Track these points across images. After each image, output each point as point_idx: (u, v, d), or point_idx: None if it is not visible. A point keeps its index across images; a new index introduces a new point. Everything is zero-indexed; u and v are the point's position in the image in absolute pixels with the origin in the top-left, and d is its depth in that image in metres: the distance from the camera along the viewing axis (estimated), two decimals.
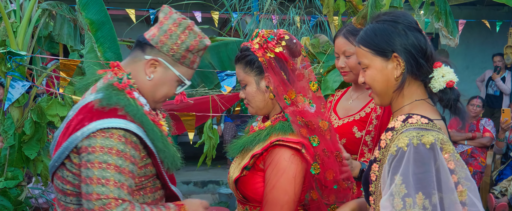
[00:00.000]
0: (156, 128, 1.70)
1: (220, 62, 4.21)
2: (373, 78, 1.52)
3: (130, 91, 1.69)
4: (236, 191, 1.87)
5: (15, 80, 3.13)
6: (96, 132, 1.60)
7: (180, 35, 1.72)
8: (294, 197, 1.76)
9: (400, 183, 1.34)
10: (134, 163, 1.64)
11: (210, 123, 3.42)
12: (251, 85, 1.84)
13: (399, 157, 1.37)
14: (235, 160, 1.92)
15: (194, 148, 8.38)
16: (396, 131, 1.44)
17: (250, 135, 1.87)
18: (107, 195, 1.55)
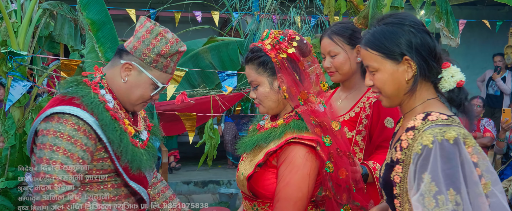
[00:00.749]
0: (113, 123, 1.81)
1: (221, 62, 4.22)
2: (383, 82, 1.50)
3: (96, 88, 1.84)
4: (246, 188, 1.87)
5: (16, 80, 3.13)
6: (51, 116, 1.74)
7: (152, 41, 1.83)
8: (307, 194, 1.78)
9: (430, 181, 1.33)
10: (86, 150, 1.74)
11: (211, 123, 3.42)
12: (264, 86, 1.85)
13: (425, 155, 1.35)
14: (246, 157, 1.92)
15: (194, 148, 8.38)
16: (417, 129, 1.42)
17: (263, 132, 1.87)
18: (51, 175, 1.67)
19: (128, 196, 1.92)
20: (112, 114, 1.82)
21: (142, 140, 1.95)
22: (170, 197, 2.20)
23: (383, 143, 2.28)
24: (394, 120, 2.29)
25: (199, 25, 6.17)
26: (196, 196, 6.53)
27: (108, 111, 1.82)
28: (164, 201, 2.17)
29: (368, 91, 2.36)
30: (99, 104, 1.80)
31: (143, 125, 2.03)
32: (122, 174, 1.83)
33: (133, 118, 1.99)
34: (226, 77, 3.34)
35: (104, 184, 1.85)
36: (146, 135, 2.00)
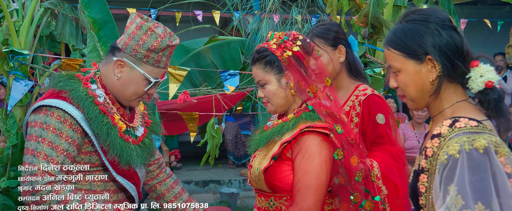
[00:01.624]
0: (101, 117, 1.84)
1: (223, 61, 4.21)
2: (406, 84, 1.42)
3: (87, 82, 1.88)
4: (263, 182, 1.89)
5: (17, 80, 3.13)
6: (39, 108, 1.79)
7: (142, 36, 1.85)
8: (326, 181, 1.81)
9: (456, 194, 1.24)
10: (72, 143, 1.79)
11: (213, 122, 3.42)
12: (272, 84, 1.90)
13: (451, 165, 1.26)
14: (259, 154, 1.95)
15: (195, 147, 8.37)
16: (443, 137, 1.33)
17: (275, 126, 1.92)
18: (34, 165, 1.72)
19: (117, 191, 1.93)
20: (101, 108, 1.85)
21: (136, 136, 1.96)
22: (179, 192, 2.21)
23: (377, 139, 2.29)
24: (385, 116, 2.30)
25: (200, 24, 6.16)
26: (197, 195, 6.52)
27: (97, 105, 1.85)
28: (173, 197, 2.18)
29: (356, 90, 2.38)
30: (86, 98, 1.83)
31: (140, 121, 2.03)
32: (108, 168, 1.85)
33: (130, 114, 2.00)
34: (228, 77, 3.34)
35: (92, 177, 1.88)
36: (142, 131, 2.01)
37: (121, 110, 1.95)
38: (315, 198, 1.78)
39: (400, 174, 2.32)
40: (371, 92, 2.37)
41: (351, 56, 2.46)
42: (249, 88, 3.56)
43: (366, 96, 2.35)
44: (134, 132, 1.96)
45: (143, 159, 1.98)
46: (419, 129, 5.66)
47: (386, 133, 2.32)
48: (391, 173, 2.28)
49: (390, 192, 2.27)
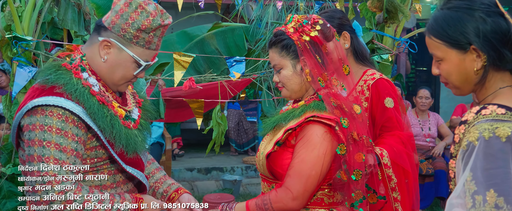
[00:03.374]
0: (102, 109, 1.71)
1: (227, 48, 4.18)
2: (449, 73, 1.39)
3: (78, 71, 1.71)
4: (265, 167, 1.89)
5: (21, 66, 3.10)
6: (33, 109, 1.63)
7: (131, 15, 1.69)
8: (320, 174, 1.79)
9: (470, 179, 1.25)
10: (78, 141, 1.65)
11: (219, 109, 3.39)
12: (287, 69, 1.88)
13: (469, 151, 1.27)
14: (266, 138, 1.96)
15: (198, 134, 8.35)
16: (468, 124, 1.32)
17: (283, 113, 1.91)
18: (46, 173, 1.58)
19: (126, 182, 1.85)
20: (99, 99, 1.72)
21: (134, 120, 1.86)
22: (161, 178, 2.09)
23: (386, 123, 2.30)
24: (394, 100, 2.30)
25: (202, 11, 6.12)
26: (199, 182, 6.53)
27: (94, 95, 1.71)
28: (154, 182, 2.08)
29: (364, 75, 2.38)
30: (83, 91, 1.68)
31: (133, 102, 1.93)
32: (117, 160, 1.75)
33: (121, 97, 1.90)
34: (234, 63, 3.31)
35: (100, 171, 1.78)
36: (137, 112, 1.90)
37: (114, 95, 1.83)
38: (304, 188, 1.77)
39: (410, 160, 2.32)
40: (379, 76, 2.36)
41: (356, 42, 2.45)
42: (254, 75, 3.53)
43: (374, 80, 2.34)
44: (131, 116, 1.86)
45: (146, 143, 1.89)
46: (423, 116, 5.65)
47: (396, 116, 2.31)
48: (401, 159, 2.28)
49: (399, 179, 2.27)
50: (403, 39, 3.31)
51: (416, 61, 8.96)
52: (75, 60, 1.75)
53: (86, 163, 1.72)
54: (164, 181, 2.07)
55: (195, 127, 7.96)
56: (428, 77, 9.56)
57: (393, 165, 2.24)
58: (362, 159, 1.82)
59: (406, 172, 2.29)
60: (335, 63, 1.90)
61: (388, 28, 3.23)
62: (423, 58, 9.30)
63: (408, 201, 2.31)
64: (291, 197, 1.78)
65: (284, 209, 1.81)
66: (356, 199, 1.86)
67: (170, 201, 2.02)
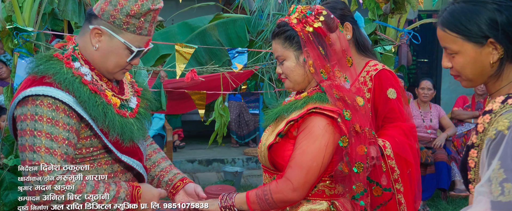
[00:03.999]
0: (94, 97, 1.70)
1: (228, 39, 4.16)
2: (463, 66, 1.38)
3: (69, 61, 1.71)
4: (267, 159, 1.89)
5: (22, 57, 3.09)
6: (25, 99, 1.64)
7: (119, 1, 1.69)
8: (321, 165, 1.79)
9: (499, 167, 1.25)
10: (70, 130, 1.65)
11: (221, 100, 3.39)
12: (290, 60, 1.87)
13: (498, 140, 1.27)
14: (268, 129, 1.96)
15: (198, 126, 8.33)
16: (494, 113, 1.33)
17: (285, 104, 1.90)
18: (37, 162, 1.58)
19: (124, 172, 1.85)
20: (91, 88, 1.71)
21: (131, 108, 1.85)
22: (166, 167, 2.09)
23: (388, 114, 2.30)
24: (396, 91, 2.30)
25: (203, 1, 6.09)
26: (200, 174, 6.54)
27: (86, 84, 1.70)
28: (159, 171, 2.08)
29: (366, 66, 2.37)
30: (74, 80, 1.68)
31: (131, 91, 1.92)
32: (112, 149, 1.75)
33: (119, 86, 1.89)
34: (236, 55, 3.30)
35: (97, 161, 1.78)
36: (135, 101, 1.89)
37: (109, 84, 1.83)
38: (305, 179, 1.77)
39: (412, 151, 2.32)
40: (382, 67, 2.36)
41: (358, 33, 2.44)
42: (256, 66, 3.52)
43: (377, 71, 2.34)
44: (128, 104, 1.85)
45: (144, 131, 1.88)
46: (424, 107, 5.65)
47: (398, 107, 2.31)
48: (404, 150, 2.28)
49: (402, 170, 2.27)
50: (406, 30, 3.30)
51: (417, 53, 8.94)
52: (67, 50, 1.75)
53: (81, 152, 1.73)
54: (170, 170, 2.07)
55: (196, 119, 7.96)
56: (429, 68, 9.54)
57: (395, 157, 2.25)
58: (364, 151, 1.82)
59: (409, 163, 2.29)
60: (338, 54, 1.89)
61: (392, 19, 3.22)
62: (425, 49, 9.28)
63: (410, 192, 2.32)
64: (291, 188, 1.77)
65: (284, 200, 1.81)
66: (357, 191, 1.86)
67: (175, 190, 2.03)
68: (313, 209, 1.88)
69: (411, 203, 2.32)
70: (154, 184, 2.07)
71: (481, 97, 6.07)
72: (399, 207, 2.29)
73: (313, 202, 1.89)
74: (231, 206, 1.86)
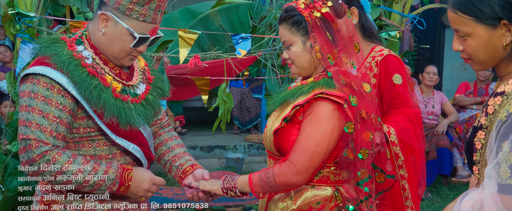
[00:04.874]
0: (90, 80, 1.76)
1: (231, 25, 4.13)
2: (475, 49, 1.37)
3: (72, 44, 1.80)
4: (272, 144, 1.89)
5: (25, 43, 3.07)
6: (25, 77, 1.75)
7: None
8: (326, 151, 1.79)
9: (509, 150, 1.24)
10: (63, 109, 1.73)
11: (225, 86, 3.37)
12: (297, 45, 1.86)
13: (510, 122, 1.25)
14: (273, 114, 1.96)
15: (200, 113, 8.32)
16: (506, 95, 1.32)
17: (292, 89, 1.90)
18: (28, 136, 1.68)
19: (123, 155, 1.89)
20: (89, 70, 1.77)
21: (136, 94, 1.89)
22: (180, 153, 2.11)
23: (394, 99, 2.29)
24: (402, 77, 2.29)
25: None
26: (202, 160, 6.56)
27: (85, 67, 1.77)
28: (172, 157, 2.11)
29: (372, 51, 2.36)
30: (69, 62, 1.75)
31: (140, 78, 1.96)
32: (105, 131, 1.80)
33: (129, 72, 1.93)
34: (240, 40, 3.28)
35: (95, 142, 1.84)
36: (143, 88, 1.93)
37: (116, 69, 1.87)
38: (308, 164, 1.77)
39: (417, 137, 2.32)
40: (388, 53, 2.34)
41: (364, 18, 2.42)
42: (259, 52, 3.50)
43: (383, 56, 2.33)
44: (133, 91, 1.89)
45: (147, 117, 1.92)
46: (427, 93, 5.64)
47: (404, 93, 2.31)
48: (408, 137, 2.27)
49: (406, 157, 2.27)
50: (411, 16, 3.28)
51: (419, 39, 8.90)
52: (75, 34, 1.85)
53: (79, 132, 1.80)
54: (182, 156, 2.10)
55: (197, 105, 7.95)
56: (431, 55, 9.51)
57: (400, 143, 2.24)
58: (369, 138, 1.82)
59: (413, 149, 2.29)
60: (345, 40, 1.88)
61: (397, 4, 3.20)
62: (426, 35, 9.24)
63: (415, 178, 2.32)
64: (295, 172, 1.77)
65: (286, 184, 1.81)
66: (361, 178, 1.86)
67: (184, 175, 2.06)
68: (317, 195, 1.88)
69: (415, 189, 2.33)
70: (166, 169, 2.12)
71: (483, 83, 6.06)
72: (403, 192, 2.29)
73: (317, 188, 1.89)
74: (233, 187, 1.86)
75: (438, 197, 5.21)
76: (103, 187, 1.76)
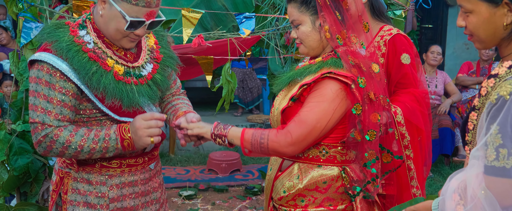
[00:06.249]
0: (91, 65, 1.80)
1: (234, 4, 4.08)
2: (477, 26, 1.37)
3: (75, 29, 1.84)
4: (279, 124, 1.89)
5: (27, 22, 3.04)
6: (32, 63, 1.82)
7: None
8: (324, 127, 1.78)
9: (496, 133, 1.25)
10: (66, 93, 1.81)
11: (229, 66, 3.35)
12: (306, 25, 1.85)
13: (499, 105, 1.26)
14: (280, 94, 1.96)
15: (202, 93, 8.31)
16: (499, 77, 1.33)
17: (299, 68, 1.89)
18: (34, 119, 1.79)
19: None
20: (90, 55, 1.82)
21: (142, 75, 1.91)
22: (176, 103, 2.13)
23: (401, 79, 2.28)
24: (410, 56, 2.27)
25: None
26: None
27: (86, 52, 1.82)
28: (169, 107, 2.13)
29: (381, 30, 2.34)
30: (69, 48, 1.80)
31: (148, 58, 1.97)
32: (106, 112, 1.87)
33: (136, 52, 1.95)
34: (244, 20, 3.25)
35: (103, 122, 1.91)
36: (150, 68, 1.95)
37: (121, 51, 1.90)
38: (305, 137, 1.76)
39: (423, 118, 2.31)
40: (396, 32, 2.32)
41: None
42: (263, 32, 3.47)
43: (392, 36, 2.31)
44: (138, 72, 1.91)
45: (152, 97, 1.94)
46: (431, 73, 5.63)
47: (412, 73, 2.29)
48: (415, 117, 2.27)
49: (412, 137, 2.27)
50: None
51: (421, 18, 8.85)
52: (79, 18, 1.89)
53: (85, 113, 1.88)
54: (180, 108, 2.10)
55: (199, 85, 7.93)
56: (434, 34, 9.45)
57: (406, 123, 2.24)
58: (377, 119, 1.81)
59: (420, 130, 2.28)
60: (354, 19, 1.86)
61: None
62: (429, 15, 9.17)
63: (420, 158, 2.32)
64: (289, 142, 1.76)
65: (278, 151, 1.80)
66: (369, 159, 1.86)
67: (176, 117, 2.05)
68: (324, 174, 1.89)
69: (421, 169, 2.33)
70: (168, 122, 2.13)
71: (486, 63, 6.03)
72: (409, 172, 2.30)
73: (324, 167, 1.89)
74: (224, 136, 1.83)
75: (440, 177, 5.24)
76: (111, 148, 1.83)
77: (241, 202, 4.63)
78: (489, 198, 1.25)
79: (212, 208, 4.48)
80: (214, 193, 4.86)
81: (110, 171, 1.94)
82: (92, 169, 1.93)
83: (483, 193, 1.26)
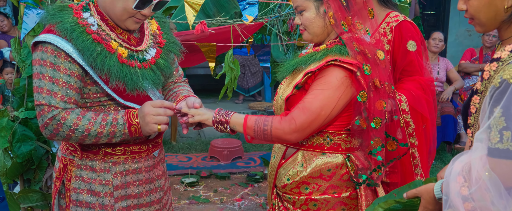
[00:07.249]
0: (95, 46, 1.79)
1: None
2: (478, 10, 1.38)
3: (79, 11, 1.83)
4: (283, 112, 1.88)
5: (29, 8, 3.01)
6: (36, 45, 1.81)
7: None
8: (328, 115, 1.77)
9: (500, 115, 1.26)
10: (71, 75, 1.79)
11: (231, 53, 3.33)
12: (310, 11, 1.82)
13: (503, 89, 1.28)
14: (284, 81, 1.94)
15: (203, 80, 8.29)
16: (502, 61, 1.33)
17: (304, 56, 1.87)
18: (40, 101, 1.77)
19: None
20: (94, 37, 1.81)
21: (145, 59, 1.91)
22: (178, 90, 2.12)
23: (407, 67, 2.26)
24: (416, 43, 2.26)
25: None
26: (205, 128, 6.54)
27: (89, 34, 1.81)
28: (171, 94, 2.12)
29: (387, 17, 2.32)
30: (73, 29, 1.79)
31: (151, 43, 1.97)
32: (114, 96, 1.86)
33: (139, 36, 1.95)
34: (247, 6, 3.23)
35: (107, 106, 1.90)
36: (153, 53, 1.95)
37: (124, 34, 1.89)
38: (308, 124, 1.75)
39: (428, 106, 2.30)
40: (403, 19, 2.30)
41: None
42: (265, 18, 3.44)
43: (398, 22, 2.29)
44: (142, 56, 1.91)
45: (156, 81, 1.94)
46: (433, 60, 5.60)
47: (417, 60, 2.27)
48: (420, 105, 2.26)
49: (417, 125, 2.26)
50: None
51: (423, 5, 8.79)
52: (82, 1, 1.88)
53: (89, 97, 1.87)
54: (180, 93, 2.09)
55: (200, 73, 7.91)
56: (436, 21, 9.41)
57: (411, 111, 2.23)
58: (383, 107, 1.80)
59: (424, 118, 2.27)
60: (359, 5, 1.84)
61: None
62: (431, 1, 9.11)
63: (425, 146, 2.32)
64: (293, 129, 1.75)
65: (281, 138, 1.79)
66: (374, 146, 1.85)
67: (177, 102, 2.04)
68: (328, 162, 1.88)
69: (425, 157, 2.33)
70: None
71: (489, 50, 6.00)
72: (413, 160, 2.30)
73: (328, 155, 1.89)
74: (225, 122, 1.81)
75: (442, 164, 5.24)
76: (118, 133, 1.81)
77: (243, 189, 4.64)
78: (493, 179, 1.27)
79: (214, 195, 4.49)
80: (216, 180, 4.87)
81: (114, 158, 1.94)
82: (96, 156, 1.93)
83: (487, 174, 1.27)
